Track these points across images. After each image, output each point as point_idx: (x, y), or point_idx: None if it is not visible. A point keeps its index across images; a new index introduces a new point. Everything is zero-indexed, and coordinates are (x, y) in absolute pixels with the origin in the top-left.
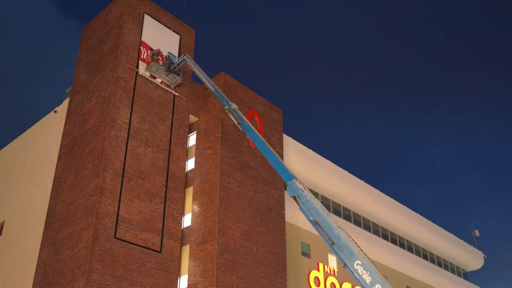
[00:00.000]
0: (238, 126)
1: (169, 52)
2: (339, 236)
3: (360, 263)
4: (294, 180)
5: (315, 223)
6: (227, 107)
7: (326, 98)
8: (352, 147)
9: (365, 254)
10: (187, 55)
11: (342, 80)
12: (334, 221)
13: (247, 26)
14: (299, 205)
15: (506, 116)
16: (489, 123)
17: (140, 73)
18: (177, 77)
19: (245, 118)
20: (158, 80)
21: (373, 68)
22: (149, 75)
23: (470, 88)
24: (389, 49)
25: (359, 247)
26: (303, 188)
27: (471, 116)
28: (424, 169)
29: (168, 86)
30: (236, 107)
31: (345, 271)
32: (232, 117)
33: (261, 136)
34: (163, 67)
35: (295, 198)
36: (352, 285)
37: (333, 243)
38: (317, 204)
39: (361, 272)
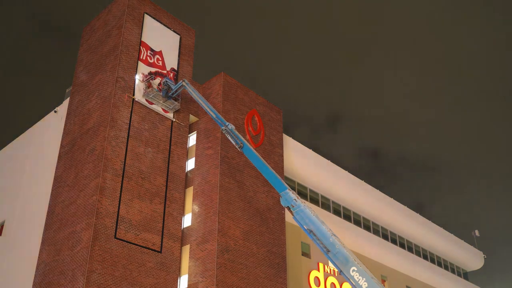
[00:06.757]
0: (237, 148)
1: (166, 78)
2: (334, 244)
3: (356, 269)
4: (287, 190)
5: (310, 232)
6: (224, 127)
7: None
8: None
9: (360, 261)
10: (186, 80)
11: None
12: (329, 229)
13: (247, 26)
14: (293, 215)
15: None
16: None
17: (137, 99)
18: (175, 102)
19: (244, 140)
20: (156, 106)
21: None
22: (146, 100)
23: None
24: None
25: (354, 255)
26: (296, 198)
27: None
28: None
29: (166, 112)
30: (233, 127)
31: None
32: (230, 138)
33: (260, 156)
34: (161, 93)
35: (288, 208)
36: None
37: (328, 251)
38: (311, 213)
39: (357, 278)
